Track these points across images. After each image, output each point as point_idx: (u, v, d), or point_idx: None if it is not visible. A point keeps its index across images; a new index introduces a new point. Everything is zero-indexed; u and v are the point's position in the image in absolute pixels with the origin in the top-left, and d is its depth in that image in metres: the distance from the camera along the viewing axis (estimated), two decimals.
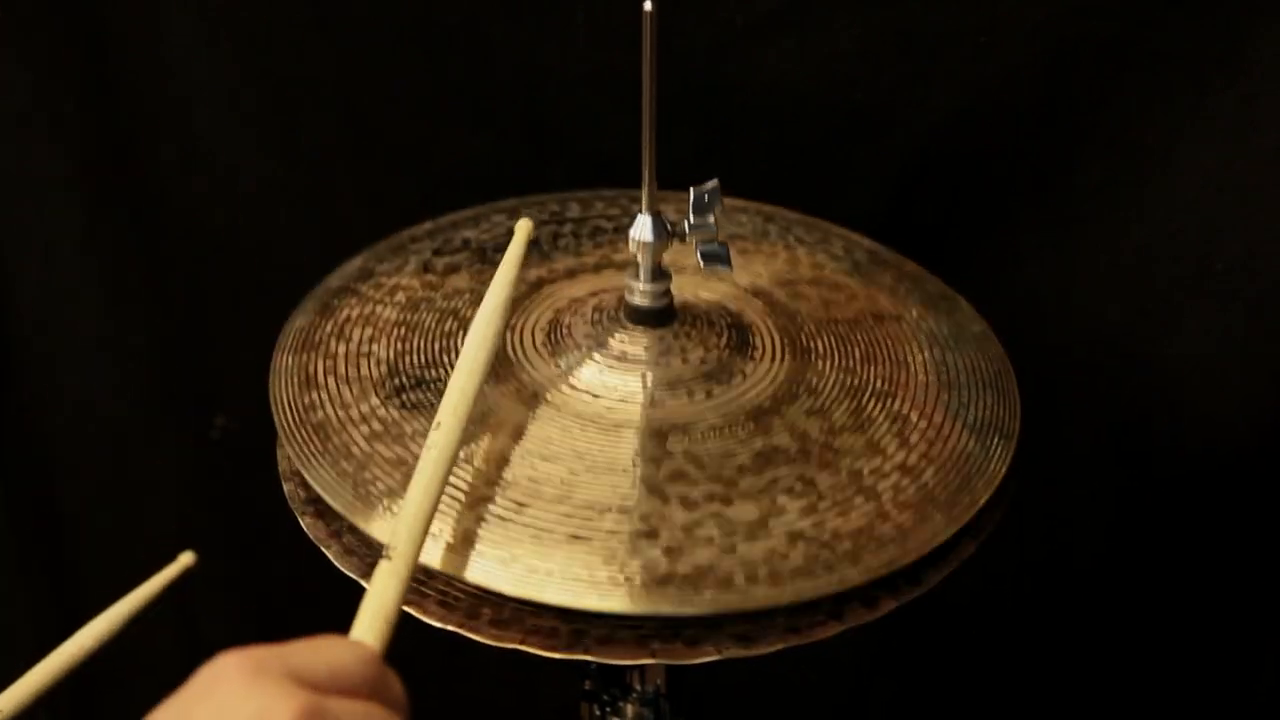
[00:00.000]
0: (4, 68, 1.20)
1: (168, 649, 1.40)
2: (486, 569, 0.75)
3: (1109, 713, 1.34)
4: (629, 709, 0.95)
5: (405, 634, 0.80)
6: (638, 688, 0.94)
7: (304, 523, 0.85)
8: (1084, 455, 1.22)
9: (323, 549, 0.82)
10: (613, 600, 0.73)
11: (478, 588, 0.75)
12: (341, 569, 0.80)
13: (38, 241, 1.27)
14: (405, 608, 0.76)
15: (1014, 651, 1.33)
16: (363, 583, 0.78)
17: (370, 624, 0.67)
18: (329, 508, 0.81)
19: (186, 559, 0.90)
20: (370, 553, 0.79)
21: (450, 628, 0.76)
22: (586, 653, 0.75)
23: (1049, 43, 1.09)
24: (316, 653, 0.60)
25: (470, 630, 0.76)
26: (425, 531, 0.72)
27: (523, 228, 0.92)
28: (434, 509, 0.73)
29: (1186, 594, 1.26)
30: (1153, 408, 1.18)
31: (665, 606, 0.73)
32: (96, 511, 1.39)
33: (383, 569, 0.69)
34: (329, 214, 1.28)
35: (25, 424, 1.33)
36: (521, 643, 0.75)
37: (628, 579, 0.74)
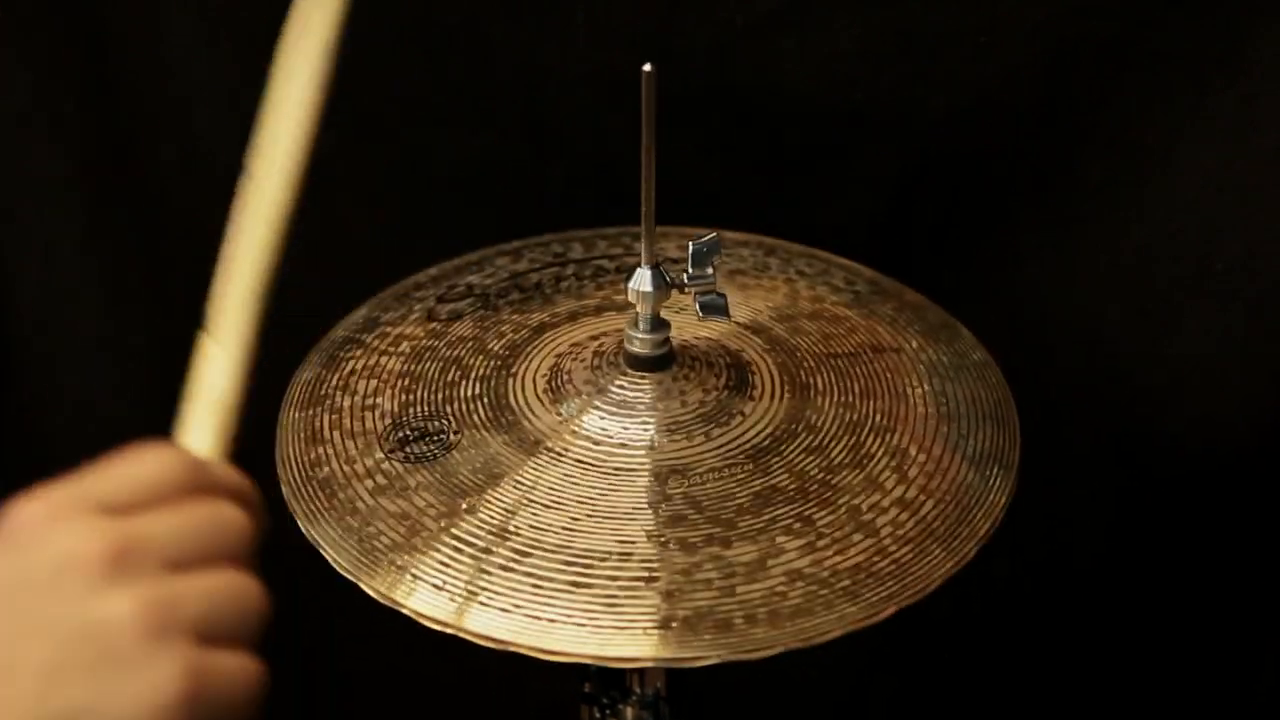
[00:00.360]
0: (4, 68, 1.20)
1: None
2: (488, 619, 0.75)
3: (1109, 713, 1.34)
4: (629, 711, 0.95)
5: (406, 634, 0.80)
6: (637, 690, 0.94)
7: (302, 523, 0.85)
8: (1084, 455, 1.22)
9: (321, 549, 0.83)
10: (614, 647, 0.74)
11: (481, 635, 0.75)
12: (339, 570, 0.80)
13: (38, 241, 1.27)
14: (406, 609, 0.77)
15: (1014, 651, 1.34)
16: (361, 584, 0.78)
17: (202, 417, 0.60)
18: None
19: None
20: (364, 554, 0.80)
21: (450, 629, 0.76)
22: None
23: (1049, 43, 1.09)
24: (123, 473, 0.54)
25: (470, 634, 0.76)
26: (255, 300, 0.63)
27: None
28: (262, 275, 0.64)
29: (1186, 594, 1.26)
30: (1153, 408, 1.18)
31: (666, 652, 0.74)
32: None
33: (207, 351, 0.61)
34: (329, 214, 1.28)
35: (25, 424, 1.33)
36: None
37: (628, 625, 0.74)
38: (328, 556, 0.80)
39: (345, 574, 0.79)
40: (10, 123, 1.22)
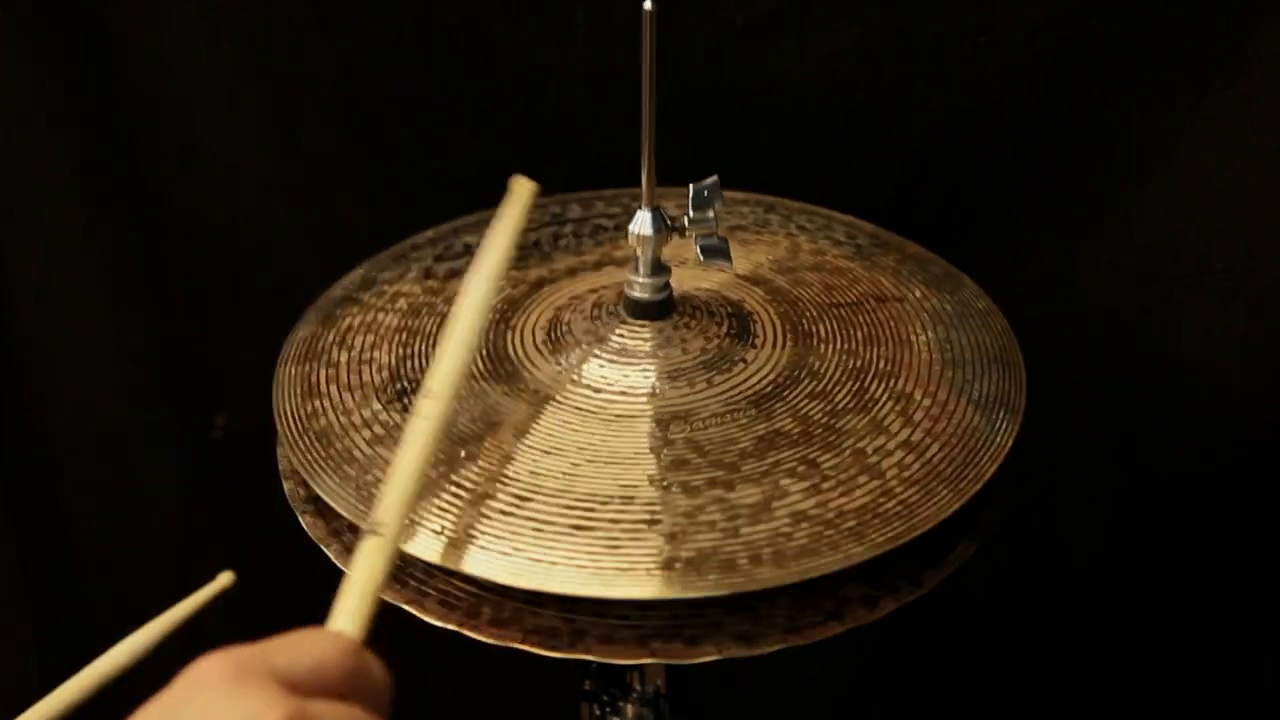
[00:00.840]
0: (4, 68, 1.20)
1: (169, 648, 1.40)
2: (488, 562, 0.75)
3: (1109, 713, 1.34)
4: (629, 709, 0.95)
5: (406, 633, 0.80)
6: (638, 688, 0.94)
7: (304, 522, 0.85)
8: (1084, 455, 1.22)
9: (323, 548, 0.83)
10: (617, 588, 0.73)
11: (481, 582, 0.75)
12: (342, 568, 0.80)
13: (38, 241, 1.27)
14: (407, 606, 0.77)
15: (1014, 650, 1.34)
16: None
17: (356, 605, 0.65)
18: (329, 506, 0.81)
19: (225, 580, 0.90)
20: (361, 500, 0.80)
21: (451, 627, 0.76)
22: (587, 652, 0.75)
23: (1049, 43, 1.09)
24: (298, 650, 0.60)
25: (471, 630, 0.76)
26: (413, 506, 0.71)
27: (523, 188, 0.89)
28: (423, 483, 0.72)
29: (1186, 594, 1.26)
30: (1153, 408, 1.18)
31: (670, 591, 0.73)
32: (96, 511, 1.39)
33: (369, 545, 0.68)
34: (329, 214, 1.28)
35: (25, 424, 1.33)
36: (522, 642, 0.75)
37: (631, 566, 0.74)
38: (322, 494, 0.80)
39: (346, 516, 0.79)
40: (10, 123, 1.22)
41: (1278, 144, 1.07)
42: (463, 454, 0.81)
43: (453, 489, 0.78)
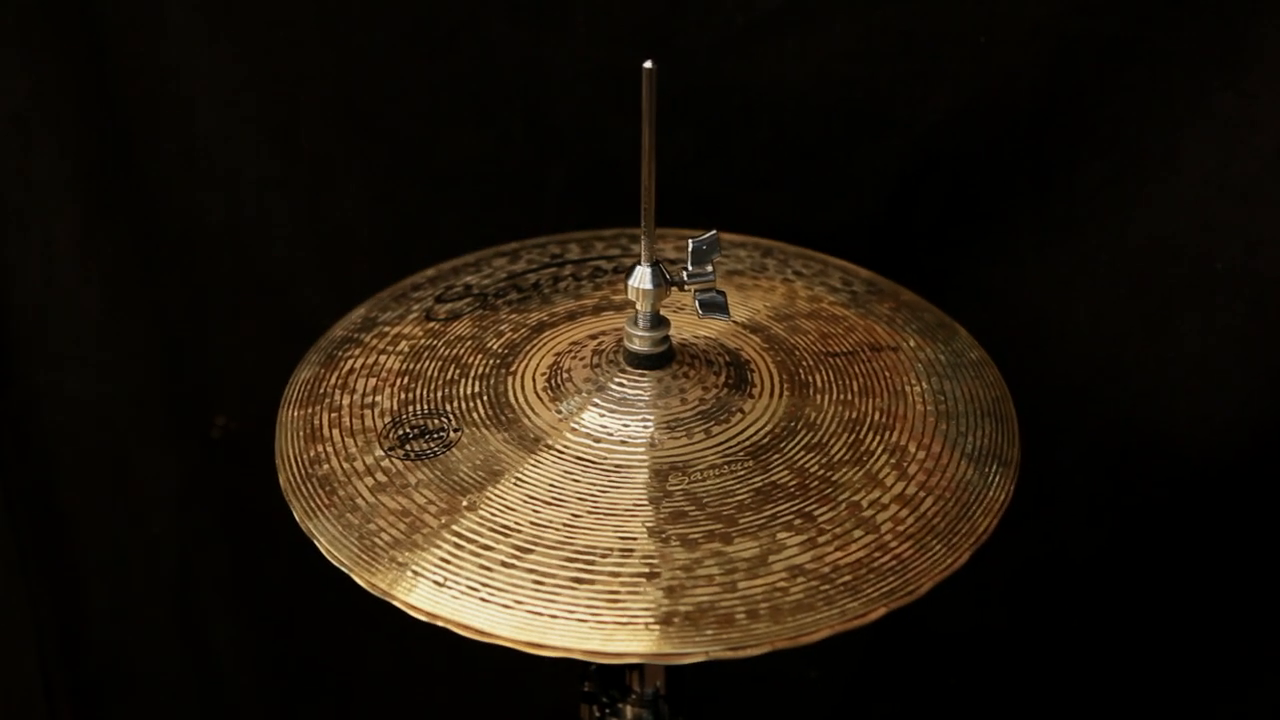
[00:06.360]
0: (4, 68, 1.20)
1: (170, 647, 1.40)
2: (490, 616, 0.75)
3: (1109, 713, 1.34)
4: (628, 710, 0.95)
5: (407, 634, 0.80)
6: (637, 689, 0.94)
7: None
8: (1083, 455, 1.22)
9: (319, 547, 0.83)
10: (616, 643, 0.74)
11: (482, 631, 0.75)
12: (338, 565, 0.80)
13: (38, 241, 1.27)
14: (407, 609, 0.76)
15: (1013, 650, 1.34)
16: (360, 581, 0.78)
17: None
18: None
19: None
20: (364, 550, 0.80)
21: (448, 624, 0.76)
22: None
23: (1049, 43, 1.09)
24: None
25: (471, 630, 0.76)
26: None
27: None
28: None
29: (1186, 594, 1.26)
30: (1152, 407, 1.18)
31: (668, 647, 0.74)
32: (96, 511, 1.39)
33: None
34: (329, 214, 1.28)
35: (25, 424, 1.33)
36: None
37: (630, 620, 0.74)
38: (324, 551, 0.80)
39: (344, 569, 0.79)
40: (10, 123, 1.22)
41: (1278, 143, 1.08)
42: (464, 503, 0.81)
43: (454, 539, 0.79)
